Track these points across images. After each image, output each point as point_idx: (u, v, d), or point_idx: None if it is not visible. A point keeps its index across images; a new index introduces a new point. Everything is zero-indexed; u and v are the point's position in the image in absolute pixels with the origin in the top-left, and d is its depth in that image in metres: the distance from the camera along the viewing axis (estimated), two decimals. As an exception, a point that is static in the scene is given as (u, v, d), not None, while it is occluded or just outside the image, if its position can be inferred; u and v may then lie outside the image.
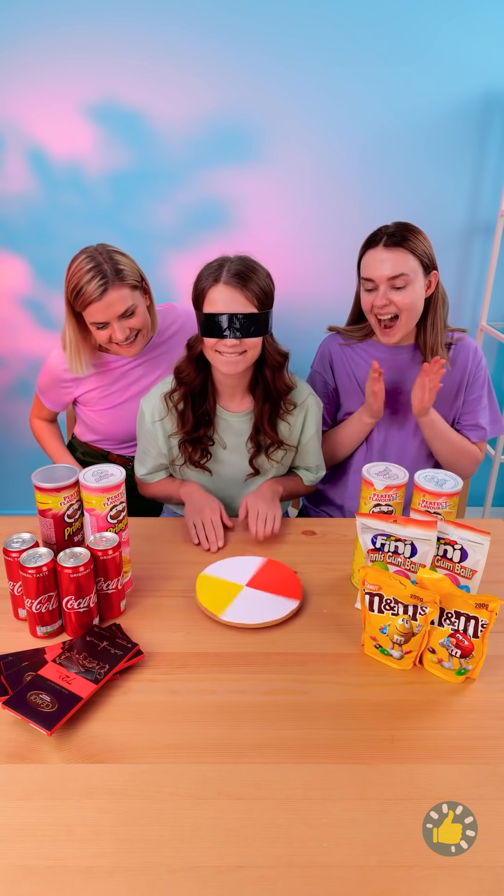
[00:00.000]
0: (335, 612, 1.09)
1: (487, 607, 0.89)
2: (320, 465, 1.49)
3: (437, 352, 1.43)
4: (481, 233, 2.19)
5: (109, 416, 1.61)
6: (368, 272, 1.36)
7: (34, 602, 0.97)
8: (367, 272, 1.37)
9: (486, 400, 1.51)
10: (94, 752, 0.82)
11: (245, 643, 1.01)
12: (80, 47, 1.94)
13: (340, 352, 1.53)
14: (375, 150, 2.07)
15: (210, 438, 1.38)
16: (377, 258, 1.35)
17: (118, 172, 2.09)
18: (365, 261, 1.38)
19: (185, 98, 2.00)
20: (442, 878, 0.68)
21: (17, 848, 0.70)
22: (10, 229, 2.16)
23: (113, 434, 1.65)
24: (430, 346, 1.43)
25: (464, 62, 1.98)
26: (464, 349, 1.48)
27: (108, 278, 1.35)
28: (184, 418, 1.34)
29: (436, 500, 1.06)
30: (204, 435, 1.36)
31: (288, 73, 1.98)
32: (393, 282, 1.33)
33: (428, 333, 1.43)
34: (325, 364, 1.56)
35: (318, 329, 1.62)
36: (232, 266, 1.21)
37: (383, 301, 1.35)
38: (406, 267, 1.33)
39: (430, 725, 0.87)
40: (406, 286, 1.34)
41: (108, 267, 1.36)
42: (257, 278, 1.22)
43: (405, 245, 1.33)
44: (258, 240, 2.14)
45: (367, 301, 1.39)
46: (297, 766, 0.80)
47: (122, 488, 1.04)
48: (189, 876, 0.68)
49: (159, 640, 1.01)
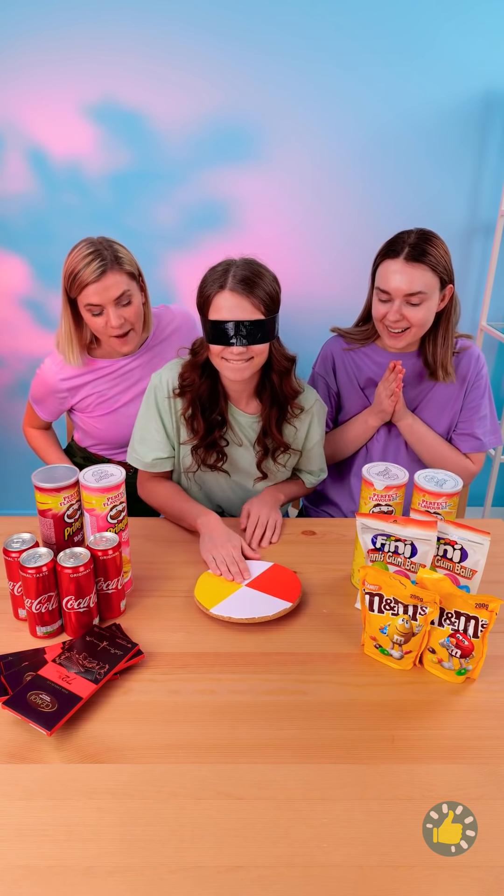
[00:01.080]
0: (335, 612, 1.09)
1: (487, 607, 0.89)
2: (322, 469, 1.49)
3: (445, 365, 1.42)
4: (481, 233, 2.19)
5: (108, 421, 1.60)
6: (384, 283, 1.32)
7: (34, 602, 0.97)
8: (384, 283, 1.33)
9: (484, 410, 1.49)
10: (94, 752, 0.82)
11: (245, 643, 1.01)
12: (80, 47, 1.94)
13: (343, 355, 1.53)
14: (375, 150, 2.07)
15: (225, 439, 1.35)
16: (395, 271, 1.30)
17: (118, 172, 2.09)
18: (382, 270, 1.34)
19: (185, 98, 2.00)
20: (442, 878, 0.68)
21: (17, 848, 0.70)
22: (10, 229, 2.16)
23: (112, 438, 1.64)
24: (440, 360, 1.41)
25: (464, 62, 1.97)
26: (466, 357, 1.47)
27: (106, 261, 1.37)
28: (194, 426, 1.31)
29: (436, 500, 1.06)
30: (219, 437, 1.33)
31: (288, 73, 1.98)
32: (409, 298, 1.31)
33: (438, 347, 1.41)
34: (327, 367, 1.55)
35: (318, 329, 1.62)
36: (238, 271, 1.18)
37: (396, 316, 1.33)
38: (424, 284, 1.30)
39: (430, 725, 0.87)
40: (421, 303, 1.31)
41: (107, 253, 1.38)
42: (263, 283, 1.19)
43: (425, 261, 1.29)
44: (258, 240, 2.14)
45: (379, 311, 1.37)
46: (297, 766, 0.80)
47: (122, 488, 1.04)
48: (189, 876, 0.68)
49: (159, 640, 1.01)
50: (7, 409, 2.44)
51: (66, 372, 1.54)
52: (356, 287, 2.25)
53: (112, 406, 1.59)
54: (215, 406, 1.32)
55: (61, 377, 1.54)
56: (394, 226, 2.21)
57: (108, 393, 1.57)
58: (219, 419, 1.33)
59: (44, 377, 1.57)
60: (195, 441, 1.32)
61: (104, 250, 1.38)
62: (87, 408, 1.60)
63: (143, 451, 1.37)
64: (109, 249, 1.39)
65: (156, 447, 1.36)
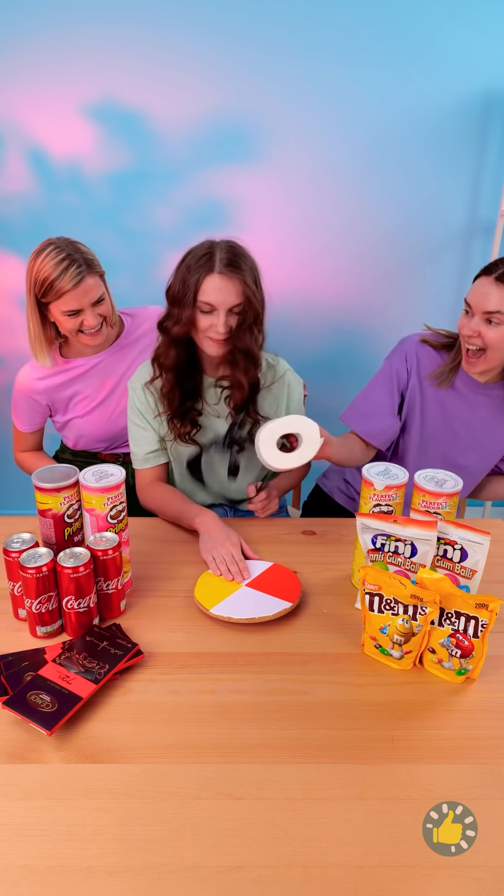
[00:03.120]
0: (335, 612, 1.09)
1: (487, 607, 0.89)
2: None
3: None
4: (481, 233, 2.19)
5: (93, 418, 1.62)
6: (470, 296, 1.29)
7: (34, 602, 0.97)
8: (469, 296, 1.29)
9: None
10: (94, 752, 0.82)
11: (245, 643, 1.01)
12: (80, 47, 1.94)
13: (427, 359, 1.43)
14: (375, 150, 2.07)
15: (198, 410, 1.39)
16: (483, 287, 1.26)
17: (118, 172, 2.09)
18: (474, 284, 1.30)
19: (185, 98, 2.00)
20: (442, 878, 0.68)
21: (17, 848, 0.70)
22: (10, 229, 2.16)
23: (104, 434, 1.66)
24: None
25: (464, 62, 1.97)
26: None
27: (82, 268, 1.39)
28: (170, 398, 1.35)
29: (436, 500, 1.06)
30: (191, 408, 1.37)
31: (288, 73, 1.98)
32: (488, 315, 1.26)
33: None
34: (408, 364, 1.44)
35: (317, 329, 1.62)
36: (223, 255, 1.23)
37: (470, 332, 1.29)
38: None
39: (430, 725, 0.87)
40: (501, 324, 1.26)
41: (78, 256, 1.39)
42: (246, 264, 1.25)
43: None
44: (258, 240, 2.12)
45: (460, 322, 1.33)
46: (297, 766, 0.80)
47: (122, 488, 1.04)
48: (189, 876, 0.68)
49: (159, 640, 1.01)
50: (7, 409, 2.44)
51: (40, 372, 1.57)
52: (356, 287, 2.27)
53: (92, 403, 1.61)
54: (190, 377, 1.36)
55: (36, 376, 1.57)
56: (394, 226, 2.23)
57: (86, 391, 1.60)
58: (193, 391, 1.37)
59: (20, 381, 1.60)
60: (170, 412, 1.37)
61: (74, 254, 1.39)
62: (70, 409, 1.62)
63: (136, 451, 1.43)
64: (78, 253, 1.40)
65: (144, 443, 1.42)
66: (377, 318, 2.28)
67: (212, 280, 1.22)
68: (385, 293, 2.26)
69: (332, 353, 2.30)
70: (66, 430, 1.69)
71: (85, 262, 1.39)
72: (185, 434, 1.38)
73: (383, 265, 2.21)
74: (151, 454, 1.42)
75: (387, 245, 2.19)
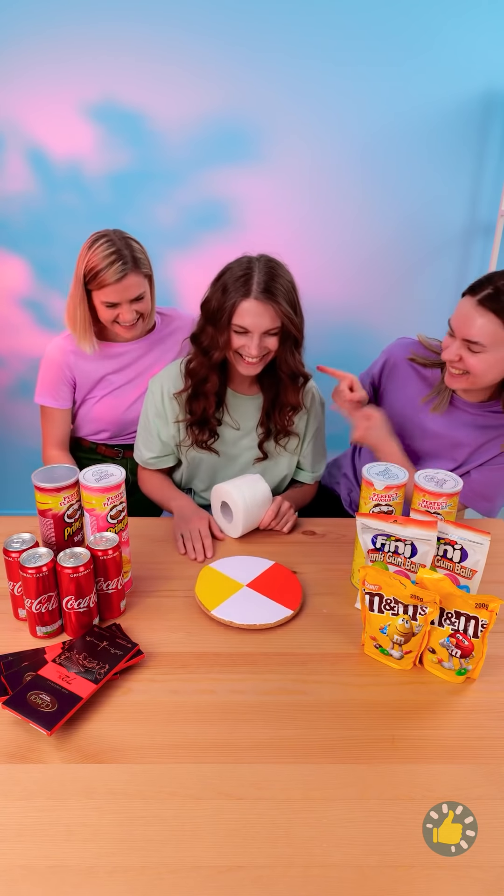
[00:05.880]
0: (335, 612, 1.09)
1: (487, 607, 0.89)
2: (319, 464, 1.51)
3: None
4: (481, 233, 2.19)
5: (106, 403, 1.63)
6: (453, 319, 1.23)
7: (34, 602, 0.97)
8: (453, 318, 1.24)
9: None
10: (94, 752, 0.82)
11: (245, 643, 1.01)
12: (80, 47, 1.94)
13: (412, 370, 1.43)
14: (376, 150, 2.07)
15: (217, 420, 1.39)
16: (465, 309, 1.20)
17: (118, 172, 2.09)
18: (458, 305, 1.24)
19: (185, 98, 2.00)
20: (442, 878, 0.68)
21: (17, 848, 0.70)
22: (10, 229, 2.16)
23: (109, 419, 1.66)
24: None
25: (464, 62, 1.97)
26: None
27: (127, 265, 1.42)
28: (195, 407, 1.36)
29: (436, 500, 1.06)
30: (212, 416, 1.38)
31: (288, 73, 1.98)
32: (468, 343, 1.20)
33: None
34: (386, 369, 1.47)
35: (317, 328, 1.62)
36: (261, 277, 1.23)
37: (452, 357, 1.24)
38: (487, 336, 1.18)
39: (430, 725, 0.87)
40: (480, 353, 1.20)
41: (127, 253, 1.43)
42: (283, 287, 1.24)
43: (501, 315, 1.16)
44: (258, 239, 2.12)
45: (444, 342, 1.28)
46: (297, 766, 0.80)
47: (122, 488, 1.04)
48: (189, 876, 0.68)
49: (159, 640, 1.01)
50: (7, 409, 2.44)
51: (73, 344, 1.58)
52: (355, 286, 2.27)
53: (110, 388, 1.62)
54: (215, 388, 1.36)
55: (70, 349, 1.58)
56: (394, 226, 2.22)
57: (108, 375, 1.62)
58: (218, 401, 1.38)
59: (52, 353, 1.59)
60: (191, 419, 1.38)
61: (124, 250, 1.43)
62: (92, 391, 1.63)
63: (142, 450, 1.47)
64: (128, 249, 1.44)
65: (152, 448, 1.44)
66: (376, 317, 2.28)
67: (248, 304, 1.23)
68: (384, 293, 2.26)
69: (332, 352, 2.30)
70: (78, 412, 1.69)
71: (132, 260, 1.43)
72: (203, 441, 1.39)
73: (383, 265, 2.22)
74: (154, 459, 1.45)
75: (386, 245, 2.19)
